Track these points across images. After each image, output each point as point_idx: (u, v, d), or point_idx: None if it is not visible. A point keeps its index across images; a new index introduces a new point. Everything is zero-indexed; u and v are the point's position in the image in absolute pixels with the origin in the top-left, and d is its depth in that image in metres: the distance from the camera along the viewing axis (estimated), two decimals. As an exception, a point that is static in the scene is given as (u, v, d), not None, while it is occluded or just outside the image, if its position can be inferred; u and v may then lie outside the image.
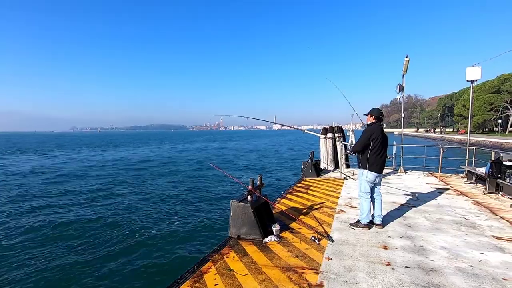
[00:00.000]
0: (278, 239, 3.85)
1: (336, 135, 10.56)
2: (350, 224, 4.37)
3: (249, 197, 4.03)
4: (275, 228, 3.99)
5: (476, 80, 9.12)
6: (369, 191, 4.18)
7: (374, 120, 4.26)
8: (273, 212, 4.73)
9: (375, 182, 4.19)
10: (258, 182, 4.39)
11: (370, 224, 4.26)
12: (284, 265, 3.15)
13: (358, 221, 4.27)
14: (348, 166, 10.42)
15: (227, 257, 3.38)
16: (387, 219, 4.58)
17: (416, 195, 6.36)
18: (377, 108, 4.34)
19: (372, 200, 4.28)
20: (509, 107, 56.40)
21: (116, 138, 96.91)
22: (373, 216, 4.31)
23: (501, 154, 6.94)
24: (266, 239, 3.83)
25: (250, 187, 4.07)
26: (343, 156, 9.73)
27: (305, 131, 7.93)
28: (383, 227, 4.26)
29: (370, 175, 4.10)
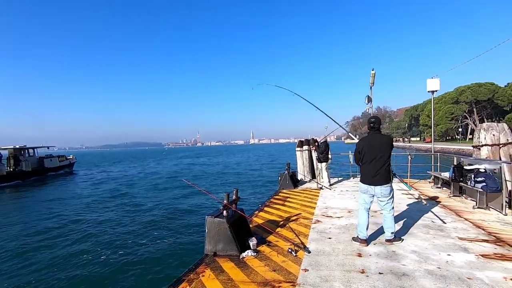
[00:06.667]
0: (255, 254, 3.80)
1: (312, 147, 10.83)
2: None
3: (224, 212, 3.96)
4: (252, 242, 3.94)
5: (436, 91, 9.84)
6: (366, 203, 4.06)
7: (367, 130, 4.20)
8: (250, 226, 4.68)
9: (372, 194, 4.01)
10: (234, 196, 4.34)
11: (367, 241, 4.04)
12: (261, 280, 3.10)
13: (358, 236, 4.11)
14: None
15: (203, 275, 3.27)
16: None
17: None
18: (370, 117, 4.22)
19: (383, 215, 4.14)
20: (467, 116, 61.33)
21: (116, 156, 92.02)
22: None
23: (462, 159, 7.43)
24: (243, 254, 3.76)
25: (225, 201, 4.01)
26: (318, 167, 9.92)
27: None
28: (392, 243, 4.01)
29: (361, 186, 4.07)
